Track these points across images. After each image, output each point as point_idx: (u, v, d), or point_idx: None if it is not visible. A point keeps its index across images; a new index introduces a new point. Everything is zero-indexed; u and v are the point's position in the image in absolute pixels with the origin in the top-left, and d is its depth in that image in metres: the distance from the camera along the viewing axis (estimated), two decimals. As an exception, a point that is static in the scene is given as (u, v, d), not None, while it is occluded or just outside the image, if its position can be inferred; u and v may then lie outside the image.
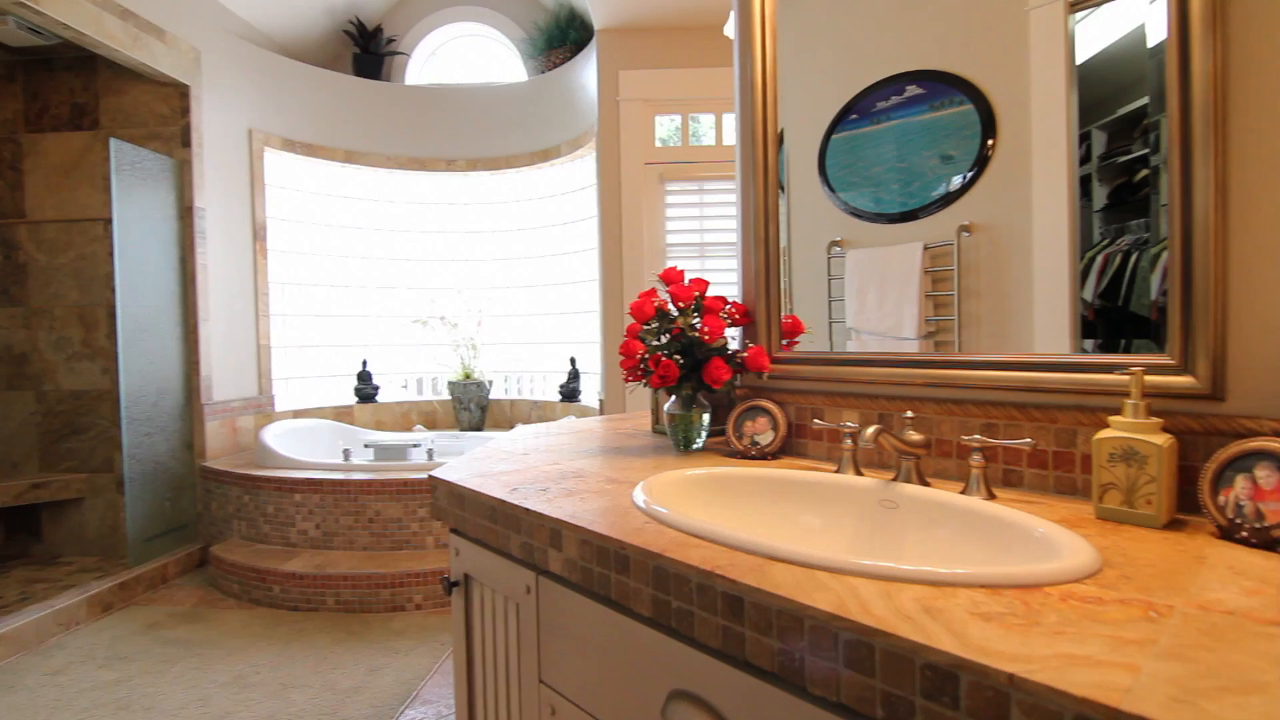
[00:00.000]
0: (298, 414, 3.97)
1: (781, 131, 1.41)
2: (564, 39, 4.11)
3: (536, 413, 4.28)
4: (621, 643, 0.83)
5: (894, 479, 1.00)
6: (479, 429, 4.26)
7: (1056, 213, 1.01)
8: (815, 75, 1.39)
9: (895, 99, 1.23)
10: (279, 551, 3.02)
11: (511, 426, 4.33)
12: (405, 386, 4.55)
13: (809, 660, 0.60)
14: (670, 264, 3.45)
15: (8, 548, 3.41)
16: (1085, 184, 0.99)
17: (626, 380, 1.37)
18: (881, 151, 1.26)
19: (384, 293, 4.47)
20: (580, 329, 4.12)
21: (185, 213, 3.35)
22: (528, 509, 0.97)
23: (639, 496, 0.96)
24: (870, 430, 0.93)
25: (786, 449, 1.32)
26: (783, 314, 1.40)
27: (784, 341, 1.39)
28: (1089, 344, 0.99)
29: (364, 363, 4.33)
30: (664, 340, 1.36)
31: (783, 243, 1.41)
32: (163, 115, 3.36)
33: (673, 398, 1.37)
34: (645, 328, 1.38)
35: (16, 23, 2.89)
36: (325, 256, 4.26)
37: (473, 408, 4.24)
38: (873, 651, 0.56)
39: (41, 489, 3.26)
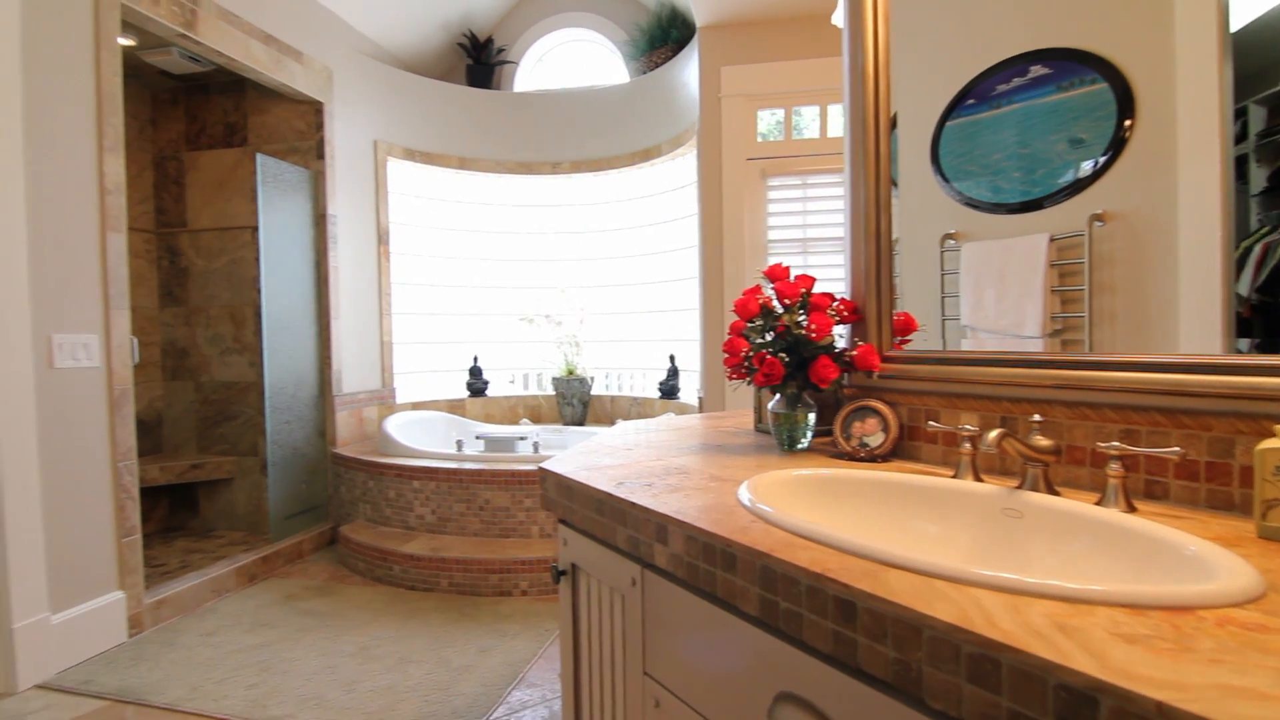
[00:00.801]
0: (416, 406, 4.23)
1: (895, 115, 1.36)
2: (665, 38, 4.14)
3: (636, 409, 4.34)
4: (727, 640, 0.84)
5: (1018, 486, 0.95)
6: (581, 424, 4.37)
7: (1206, 198, 0.92)
8: (928, 61, 1.33)
9: (1017, 81, 1.16)
10: (399, 534, 3.23)
11: (612, 422, 4.41)
12: (513, 381, 4.75)
13: (928, 672, 0.58)
14: (772, 260, 3.41)
15: (171, 520, 3.86)
16: (1240, 165, 0.89)
17: (730, 378, 1.36)
18: (1001, 138, 1.19)
19: (493, 292, 4.67)
20: (680, 327, 4.14)
21: (319, 219, 3.65)
22: (633, 503, 0.99)
23: (744, 495, 0.96)
24: (993, 434, 0.89)
25: (897, 452, 1.28)
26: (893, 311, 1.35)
27: (895, 340, 1.34)
28: (1244, 344, 0.89)
29: (475, 358, 4.55)
30: (768, 338, 1.35)
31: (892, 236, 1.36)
32: (300, 130, 3.67)
33: (777, 396, 1.35)
34: (749, 325, 1.37)
35: (179, 53, 3.25)
36: (440, 258, 4.50)
37: (575, 403, 4.35)
38: (999, 667, 0.53)
39: (199, 469, 3.66)
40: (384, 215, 4.09)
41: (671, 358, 4.11)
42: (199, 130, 3.84)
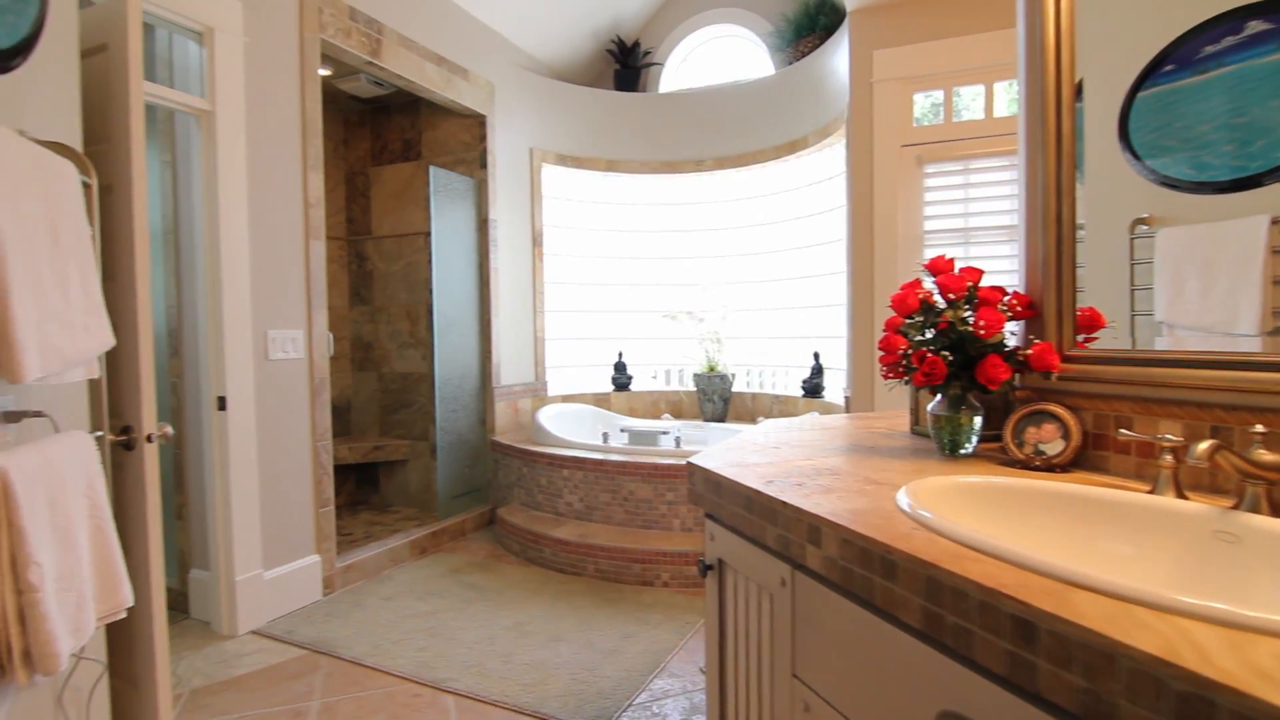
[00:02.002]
0: (566, 399, 4.45)
1: (1079, 84, 1.22)
2: (813, 26, 4.01)
3: (778, 407, 4.26)
4: (885, 650, 0.81)
5: (1234, 507, 0.83)
6: (721, 420, 4.37)
7: None
8: (1114, 25, 1.18)
9: (1229, 40, 1.00)
10: (549, 519, 3.41)
11: (753, 419, 4.37)
12: (655, 377, 4.84)
13: (1124, 707, 0.53)
14: (929, 252, 3.20)
15: (357, 495, 4.34)
16: None
17: (885, 377, 1.30)
18: (1208, 106, 1.03)
19: (637, 289, 4.79)
20: (825, 323, 4.01)
21: (482, 224, 3.94)
22: (785, 502, 0.98)
23: (903, 500, 0.92)
24: (1203, 446, 0.78)
25: (1079, 462, 1.16)
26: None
27: (1078, 338, 1.21)
28: None
29: (619, 354, 4.69)
30: (929, 335, 1.27)
31: (1071, 222, 1.23)
32: (466, 143, 3.97)
33: (938, 397, 1.28)
34: (908, 321, 1.30)
35: (366, 78, 3.63)
36: (588, 257, 4.69)
37: (716, 399, 4.36)
38: (1214, 710, 0.47)
39: (380, 450, 4.09)
40: (538, 218, 4.33)
41: (816, 355, 4.00)
42: (382, 147, 4.28)
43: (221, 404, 2.49)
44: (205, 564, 2.61)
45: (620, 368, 4.67)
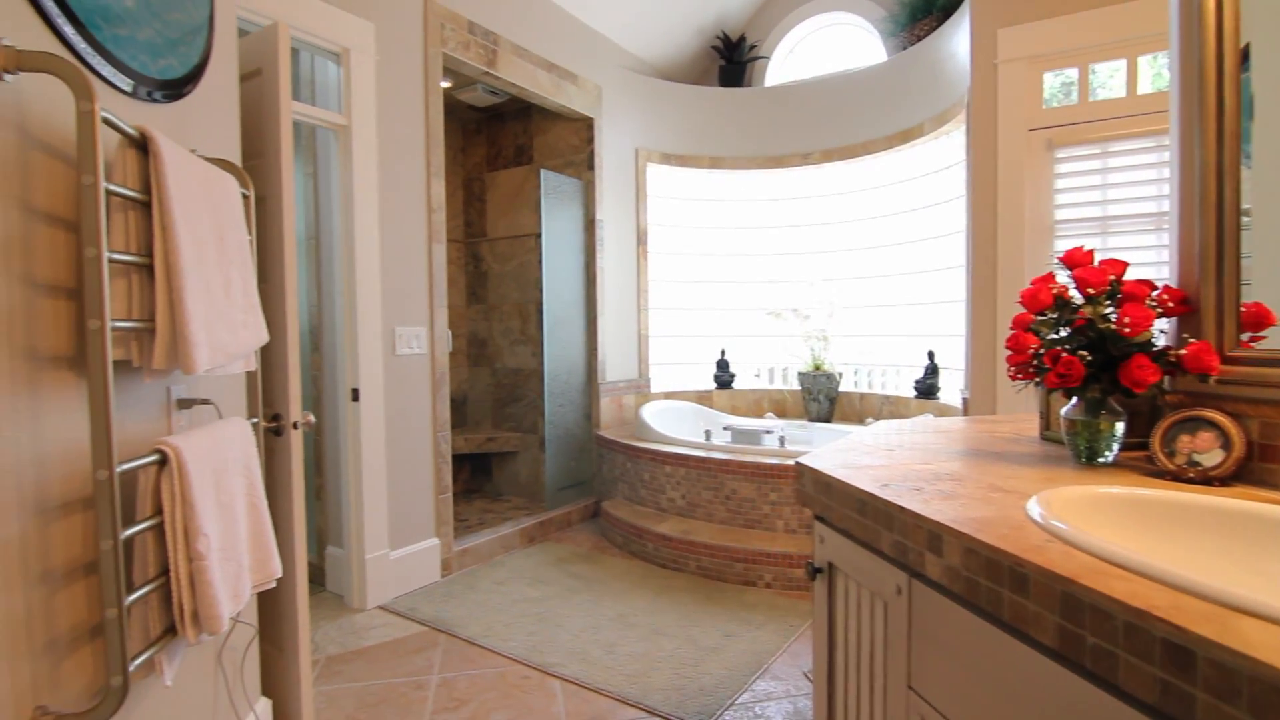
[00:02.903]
0: (668, 395, 4.48)
1: (1246, 48, 1.09)
2: (929, 8, 3.81)
3: (888, 408, 4.09)
4: (1013, 668, 0.76)
5: None
6: (827, 420, 4.24)
7: None
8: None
9: None
10: (652, 514, 3.45)
11: (860, 420, 4.22)
12: (758, 375, 4.78)
13: (1302, 747, 0.47)
14: (1060, 243, 2.97)
15: (471, 483, 4.57)
16: None
17: (1013, 378, 1.22)
18: None
19: (741, 286, 4.74)
20: (940, 320, 3.80)
21: (589, 225, 4.03)
22: (902, 507, 0.94)
23: (1034, 509, 0.86)
24: (1406, 462, 0.68)
25: (1242, 474, 1.04)
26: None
27: (1242, 336, 1.09)
28: None
29: (722, 351, 4.67)
30: (1063, 333, 1.18)
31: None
32: (574, 145, 4.08)
33: (1073, 400, 1.18)
34: (1039, 318, 1.21)
35: (482, 88, 3.81)
36: (691, 255, 4.69)
37: (821, 399, 4.24)
38: None
39: (493, 441, 4.29)
40: (643, 217, 4.38)
41: (930, 354, 3.80)
42: (496, 153, 4.48)
43: (355, 395, 2.70)
44: (340, 542, 2.84)
45: (723, 365, 4.65)
